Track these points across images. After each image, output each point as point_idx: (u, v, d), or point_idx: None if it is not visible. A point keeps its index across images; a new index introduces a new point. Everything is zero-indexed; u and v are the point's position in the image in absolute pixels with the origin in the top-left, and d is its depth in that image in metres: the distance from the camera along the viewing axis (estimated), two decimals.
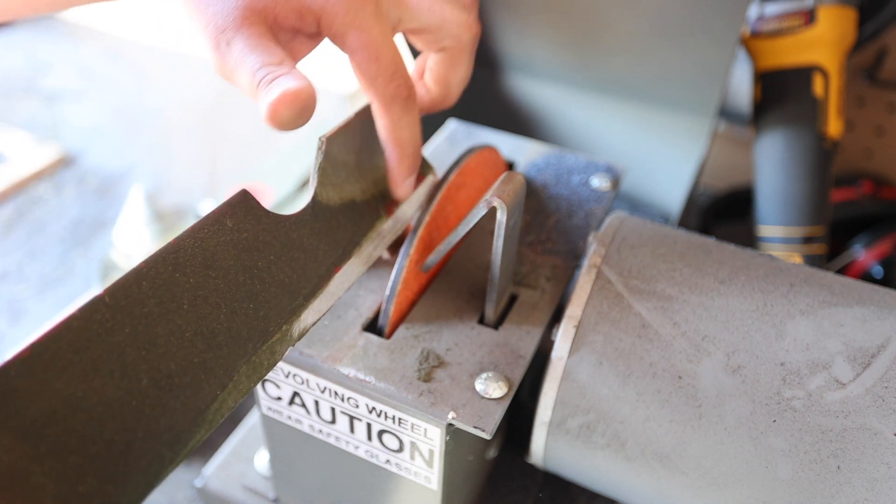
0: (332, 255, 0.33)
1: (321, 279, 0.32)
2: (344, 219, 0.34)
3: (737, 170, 0.85)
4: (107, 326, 0.24)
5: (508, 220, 0.33)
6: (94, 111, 1.13)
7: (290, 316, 0.30)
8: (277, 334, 0.29)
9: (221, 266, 0.28)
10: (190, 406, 0.26)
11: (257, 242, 0.30)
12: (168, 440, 0.25)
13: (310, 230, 0.32)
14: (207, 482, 0.47)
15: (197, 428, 0.26)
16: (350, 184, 0.35)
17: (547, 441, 0.36)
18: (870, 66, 0.75)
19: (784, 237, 0.63)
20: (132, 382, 0.24)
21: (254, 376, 0.28)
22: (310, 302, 0.31)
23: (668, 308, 0.35)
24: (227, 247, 0.29)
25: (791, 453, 0.31)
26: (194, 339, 0.26)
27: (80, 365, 0.23)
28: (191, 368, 0.26)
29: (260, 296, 0.29)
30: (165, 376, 0.25)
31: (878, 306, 0.34)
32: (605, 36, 0.62)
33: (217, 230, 0.28)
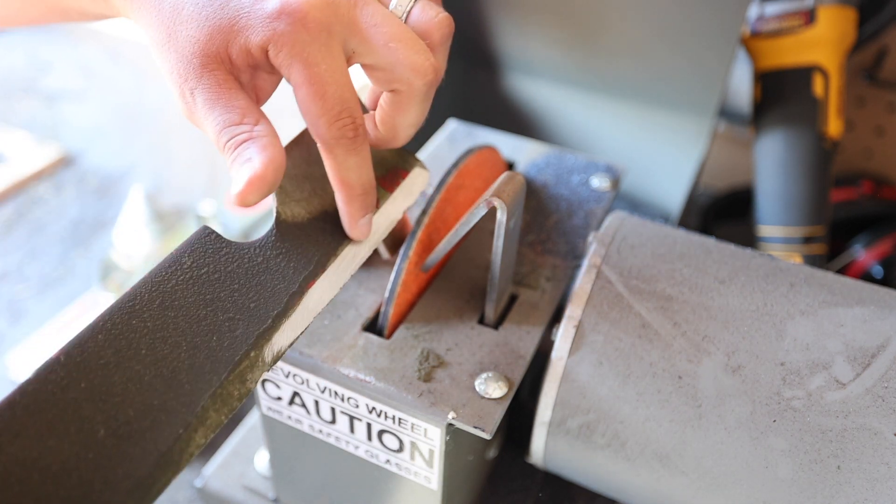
0: (303, 271, 0.32)
1: (293, 297, 0.31)
2: (315, 232, 0.33)
3: (737, 170, 0.85)
4: (62, 385, 0.25)
5: (508, 220, 0.33)
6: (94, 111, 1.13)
7: (258, 341, 0.29)
8: (245, 362, 0.29)
9: (181, 305, 0.28)
10: (150, 450, 0.25)
11: (218, 275, 0.30)
12: (128, 487, 0.25)
13: (275, 251, 0.32)
14: (207, 482, 0.47)
15: (161, 470, 0.25)
16: (318, 195, 0.34)
17: (547, 441, 0.36)
18: (870, 66, 0.75)
19: (784, 237, 0.63)
20: (88, 436, 0.25)
21: (223, 409, 0.28)
22: (281, 323, 0.30)
23: (668, 308, 0.35)
24: (185, 285, 0.29)
25: (791, 453, 0.31)
26: (154, 382, 0.26)
27: (35, 427, 0.24)
28: (150, 411, 0.26)
29: (223, 326, 0.29)
30: (123, 423, 0.25)
31: (878, 306, 0.34)
32: (605, 36, 0.62)
33: (175, 271, 0.29)
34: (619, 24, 0.60)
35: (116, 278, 0.82)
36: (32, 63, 1.21)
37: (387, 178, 0.37)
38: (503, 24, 0.67)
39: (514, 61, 0.71)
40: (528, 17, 0.64)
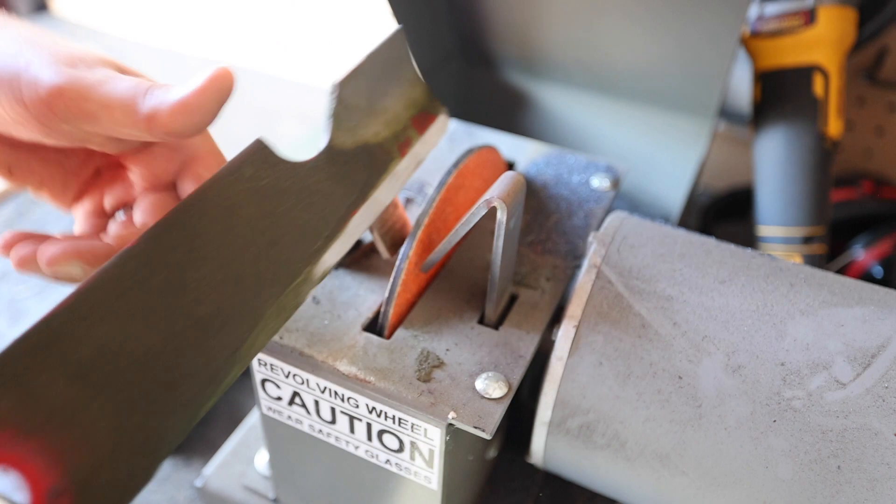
0: (348, 197, 0.33)
1: (339, 222, 0.33)
2: (358, 162, 0.35)
3: (737, 170, 0.85)
4: (142, 275, 0.26)
5: (508, 220, 0.33)
6: None
7: (311, 258, 0.31)
8: (301, 276, 0.31)
9: (243, 213, 0.29)
10: (224, 346, 0.27)
11: (275, 189, 0.31)
12: (206, 378, 0.27)
13: (326, 175, 0.33)
14: (207, 482, 0.47)
15: (231, 366, 0.28)
16: (363, 127, 0.35)
17: (547, 441, 0.36)
18: (870, 66, 0.75)
19: (784, 237, 0.63)
20: (168, 326, 0.26)
21: (281, 317, 0.30)
22: (329, 244, 0.32)
23: (668, 308, 0.35)
24: (247, 195, 0.30)
25: (791, 453, 0.31)
26: (223, 285, 0.28)
27: (121, 311, 0.25)
28: (222, 311, 0.28)
29: (282, 240, 0.30)
30: (199, 319, 0.27)
31: (878, 306, 0.34)
32: (605, 36, 0.62)
33: (237, 179, 0.29)
34: (619, 24, 0.60)
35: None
36: None
37: (418, 119, 0.39)
38: (503, 23, 0.67)
39: (514, 61, 0.71)
40: (528, 17, 0.64)
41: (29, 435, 0.22)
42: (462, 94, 0.76)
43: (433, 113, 0.40)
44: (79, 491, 0.23)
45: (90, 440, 0.23)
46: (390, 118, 0.37)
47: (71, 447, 0.23)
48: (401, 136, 0.37)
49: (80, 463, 0.23)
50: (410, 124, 0.38)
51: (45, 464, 0.22)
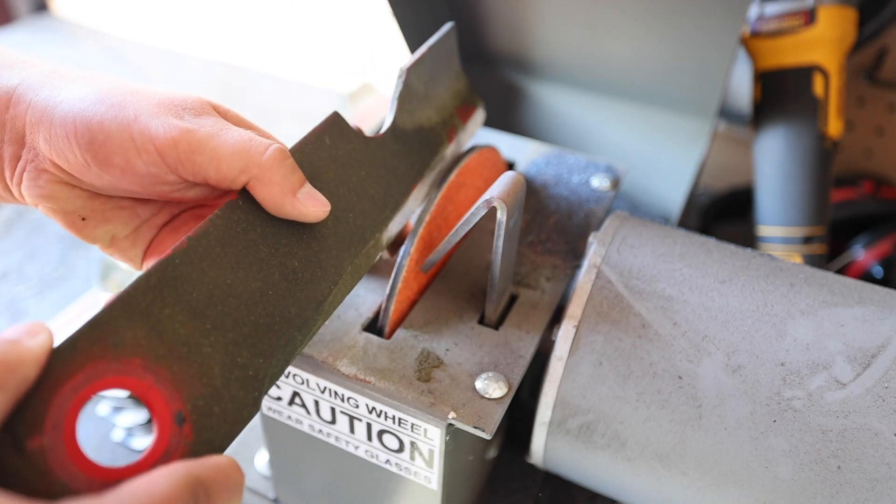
0: (410, 173, 0.37)
1: (402, 195, 0.36)
2: (416, 143, 0.38)
3: (737, 170, 0.85)
4: (243, 226, 0.28)
5: (508, 220, 0.33)
6: None
7: (381, 225, 0.34)
8: (372, 241, 0.33)
9: (325, 178, 0.32)
10: (312, 297, 0.30)
11: (350, 159, 0.34)
12: (298, 324, 0.29)
13: (391, 151, 0.36)
14: None
15: (317, 317, 0.30)
16: (420, 111, 0.39)
17: (547, 441, 0.36)
18: (870, 66, 0.75)
19: (784, 237, 0.63)
20: (267, 275, 0.28)
21: (356, 276, 0.32)
22: (395, 214, 0.35)
23: (668, 308, 0.35)
24: (327, 162, 0.32)
25: (791, 453, 0.31)
26: (310, 241, 0.30)
27: (227, 258, 0.27)
28: (310, 266, 0.30)
29: (356, 207, 0.33)
30: (292, 271, 0.29)
31: (878, 306, 0.34)
32: (605, 36, 0.62)
33: (319, 146, 0.32)
34: (618, 24, 0.60)
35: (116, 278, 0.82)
36: None
37: (462, 109, 0.43)
38: (503, 23, 0.67)
39: (514, 61, 0.71)
40: (528, 17, 0.64)
41: (156, 364, 0.24)
42: None
43: (473, 105, 0.44)
44: (198, 419, 0.25)
45: (206, 373, 0.25)
46: (440, 106, 0.41)
47: (191, 378, 0.25)
48: (448, 122, 0.41)
49: (198, 393, 0.25)
50: (455, 113, 0.42)
51: (170, 392, 0.24)
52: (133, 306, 0.24)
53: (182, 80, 1.18)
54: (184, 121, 0.28)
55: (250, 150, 0.28)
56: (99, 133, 0.27)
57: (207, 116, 0.29)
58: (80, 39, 1.28)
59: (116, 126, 0.27)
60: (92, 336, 0.23)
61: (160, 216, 0.33)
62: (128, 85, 0.29)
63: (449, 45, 0.41)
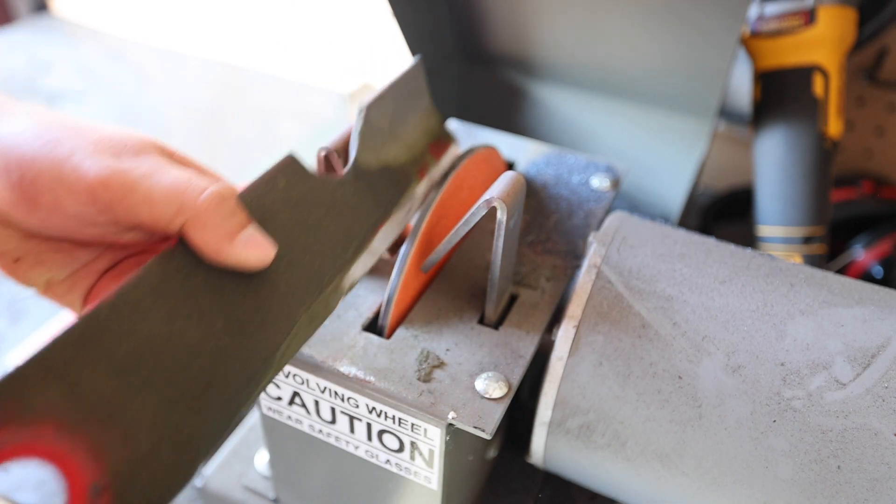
0: (374, 213, 0.35)
1: (366, 235, 0.34)
2: (382, 181, 0.36)
3: (737, 170, 0.85)
4: (182, 273, 0.26)
5: (508, 220, 0.33)
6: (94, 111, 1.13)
7: (341, 268, 0.32)
8: (331, 286, 0.31)
9: (278, 221, 0.30)
10: (260, 349, 0.28)
11: (308, 200, 0.32)
12: (243, 380, 0.27)
13: (353, 190, 0.34)
14: (207, 482, 0.47)
15: (266, 370, 0.28)
16: (385, 149, 0.37)
17: (547, 441, 0.36)
18: (870, 66, 0.75)
19: (784, 237, 0.63)
20: (208, 327, 0.26)
21: (312, 325, 0.30)
22: (357, 256, 0.33)
23: (668, 308, 0.35)
24: (281, 205, 0.30)
25: (791, 453, 0.31)
26: (259, 288, 0.28)
27: (163, 309, 0.25)
28: (258, 315, 0.28)
29: (314, 249, 0.31)
30: (237, 322, 0.27)
31: (878, 306, 0.34)
32: (605, 36, 0.62)
33: (271, 189, 0.30)
34: (619, 24, 0.60)
35: None
36: (32, 63, 1.21)
37: (435, 145, 0.41)
38: (503, 23, 0.67)
39: (514, 61, 0.71)
40: (528, 17, 0.64)
41: (71, 429, 0.22)
42: (462, 93, 0.75)
43: (447, 141, 0.43)
44: (119, 489, 0.22)
45: (131, 436, 0.23)
46: (409, 143, 0.39)
47: (112, 443, 0.23)
48: (419, 160, 0.40)
49: (121, 459, 0.23)
50: (428, 150, 0.41)
51: (87, 459, 0.22)
52: (50, 364, 0.22)
53: (182, 80, 1.18)
54: (120, 160, 0.26)
55: (186, 191, 0.26)
56: (29, 169, 0.26)
57: (147, 156, 0.28)
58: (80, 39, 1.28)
59: (48, 163, 0.26)
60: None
61: (100, 261, 0.31)
62: (70, 121, 0.28)
63: (416, 82, 0.40)
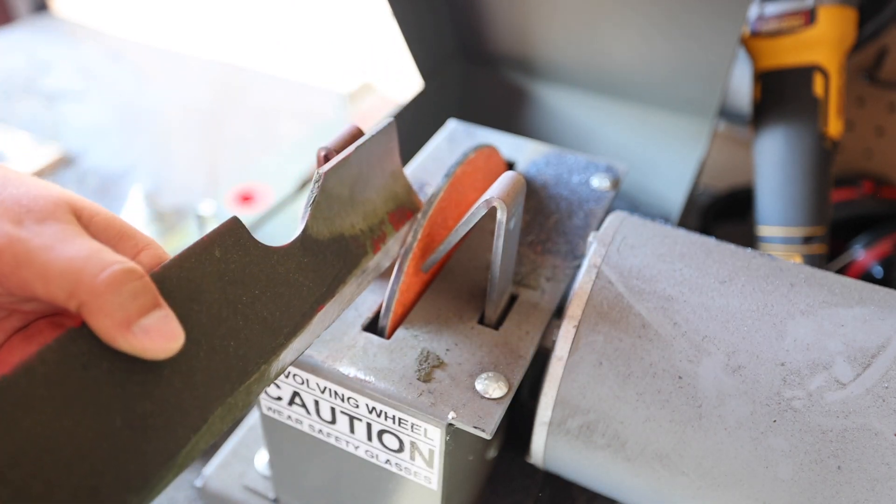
0: (316, 292, 0.31)
1: (304, 317, 0.30)
2: (331, 254, 0.33)
3: (737, 170, 0.85)
4: (83, 361, 0.23)
5: (508, 220, 0.33)
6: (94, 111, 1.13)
7: (269, 355, 0.28)
8: (256, 374, 0.28)
9: (206, 299, 0.27)
10: (162, 449, 0.24)
11: (244, 275, 0.28)
12: (136, 486, 0.23)
13: (297, 265, 0.31)
14: (207, 482, 0.47)
15: (166, 472, 0.24)
16: (340, 217, 0.34)
17: (547, 441, 0.36)
18: (870, 66, 0.75)
19: (784, 237, 0.63)
20: (105, 423, 0.23)
21: (227, 418, 0.27)
22: (290, 341, 0.29)
23: (668, 308, 0.35)
24: (213, 278, 0.27)
25: (791, 453, 0.31)
26: (172, 378, 0.25)
27: (54, 401, 0.22)
28: (166, 409, 0.24)
29: (241, 333, 0.28)
30: (139, 417, 0.24)
31: (879, 306, 0.34)
32: (605, 36, 0.62)
33: (205, 259, 0.27)
34: (619, 25, 0.60)
35: None
36: (32, 63, 1.21)
37: (395, 214, 0.37)
38: (503, 23, 0.67)
39: (514, 61, 0.71)
40: (529, 17, 0.64)
41: None
42: (462, 93, 0.76)
43: (410, 209, 0.38)
44: None
45: None
46: (369, 211, 0.36)
47: None
48: (376, 230, 0.36)
49: None
50: (387, 219, 0.37)
51: None
52: None
53: (182, 80, 1.18)
54: (20, 227, 0.24)
55: (83, 269, 0.23)
56: None
57: (54, 223, 0.25)
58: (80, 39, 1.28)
59: None
60: None
61: (10, 321, 0.28)
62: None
63: (386, 143, 0.36)
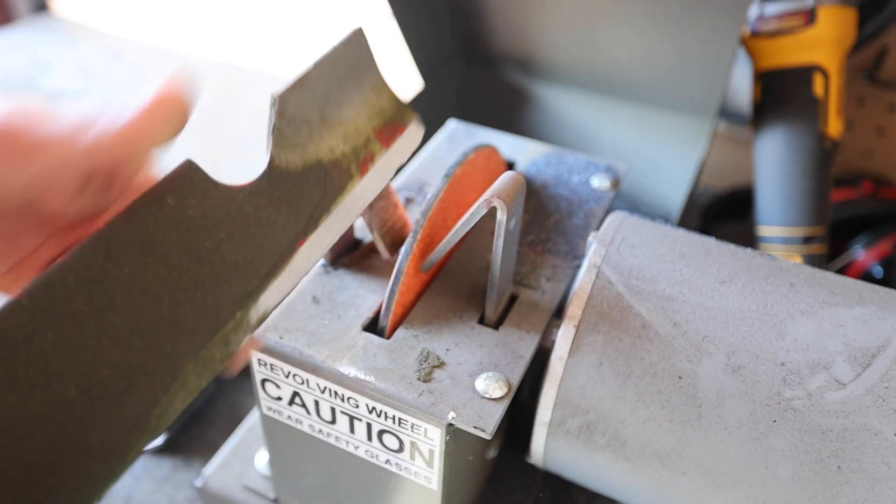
0: (294, 226, 0.29)
1: (282, 255, 0.28)
2: (308, 184, 0.30)
3: (737, 170, 0.85)
4: (25, 333, 0.21)
5: (508, 220, 0.33)
6: None
7: (244, 301, 0.27)
8: (231, 323, 0.26)
9: (162, 251, 0.25)
10: (127, 414, 0.23)
11: (205, 220, 0.26)
12: (102, 455, 0.22)
13: (267, 200, 0.28)
14: (207, 482, 0.47)
15: (137, 437, 0.23)
16: (314, 143, 0.31)
17: (547, 441, 0.36)
18: (870, 66, 0.75)
19: (784, 237, 0.63)
20: (57, 394, 0.21)
21: (205, 372, 0.25)
22: (269, 283, 0.28)
23: (668, 308, 0.35)
24: (168, 228, 0.25)
25: (791, 453, 0.31)
26: (131, 338, 0.23)
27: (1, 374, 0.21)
28: (127, 371, 0.23)
29: (208, 282, 0.26)
30: (97, 383, 0.22)
31: (879, 306, 0.34)
32: (605, 36, 0.62)
33: (157, 210, 0.25)
34: (619, 24, 0.60)
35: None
36: (32, 63, 1.21)
37: (384, 130, 0.34)
38: (503, 23, 0.67)
39: (514, 61, 0.71)
40: (529, 17, 0.64)
41: None
42: (462, 94, 0.76)
43: (401, 123, 0.35)
44: None
45: None
46: (349, 131, 0.33)
47: None
48: (361, 151, 0.33)
49: None
50: (374, 137, 0.34)
51: None
52: None
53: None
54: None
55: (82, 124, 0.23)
56: None
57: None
58: (80, 39, 1.28)
59: None
60: None
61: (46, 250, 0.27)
62: None
63: (357, 54, 0.33)
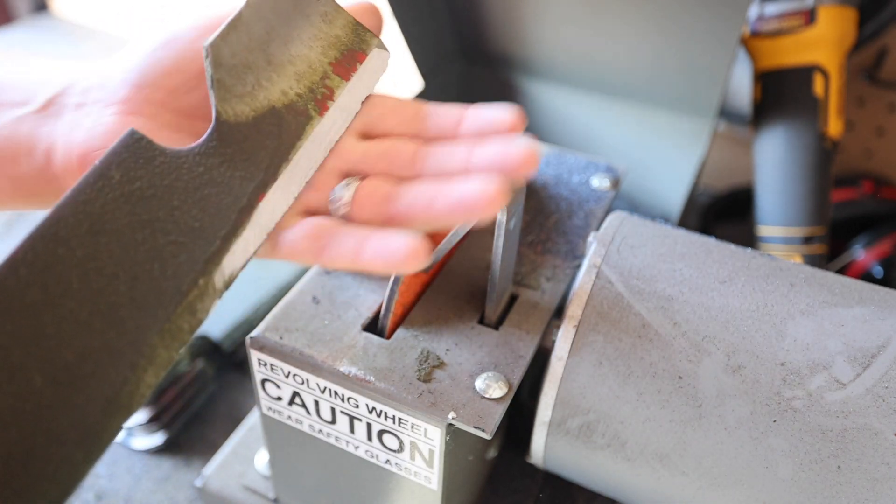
0: (251, 181, 0.28)
1: (242, 213, 0.27)
2: (261, 134, 0.29)
3: (737, 170, 0.85)
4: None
5: (508, 220, 0.33)
6: None
7: (206, 266, 0.26)
8: (194, 290, 0.26)
9: (114, 228, 0.24)
10: (96, 396, 0.23)
11: (154, 189, 0.26)
12: (76, 438, 0.22)
13: (218, 159, 0.27)
14: (207, 482, 0.47)
15: (110, 417, 0.23)
16: (263, 89, 0.29)
17: (547, 441, 0.36)
18: (870, 66, 0.75)
19: (784, 237, 0.63)
20: (22, 386, 0.22)
21: (173, 344, 0.25)
22: (230, 244, 0.27)
23: (668, 308, 0.35)
24: (116, 204, 0.25)
25: (791, 453, 0.31)
26: (91, 321, 0.23)
27: None
28: (91, 354, 0.23)
29: (165, 251, 0.25)
30: (61, 369, 0.23)
31: (879, 306, 0.34)
32: (605, 36, 0.62)
33: (102, 187, 0.25)
34: (619, 24, 0.60)
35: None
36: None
37: (341, 62, 0.32)
38: (503, 23, 0.67)
39: (514, 61, 0.71)
40: (529, 17, 0.64)
41: None
42: (462, 94, 0.75)
43: (360, 50, 0.32)
44: None
45: None
46: (302, 69, 0.30)
47: None
48: (318, 88, 0.30)
49: None
50: (331, 71, 0.31)
51: None
52: None
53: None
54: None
55: None
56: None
57: None
58: (80, 39, 1.28)
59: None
60: None
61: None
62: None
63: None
